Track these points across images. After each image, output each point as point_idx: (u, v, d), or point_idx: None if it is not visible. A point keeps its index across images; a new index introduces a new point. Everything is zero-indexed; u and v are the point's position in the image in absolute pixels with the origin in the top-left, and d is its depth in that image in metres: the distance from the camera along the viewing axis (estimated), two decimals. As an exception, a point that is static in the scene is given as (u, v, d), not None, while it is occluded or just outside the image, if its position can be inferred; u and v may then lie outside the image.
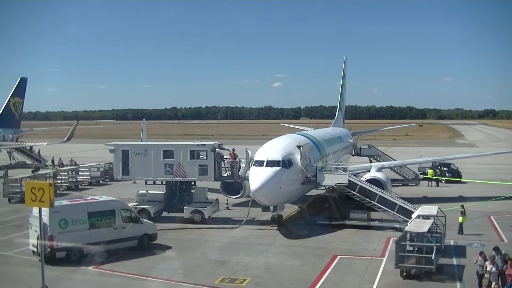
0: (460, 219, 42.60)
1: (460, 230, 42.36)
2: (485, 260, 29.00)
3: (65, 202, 37.60)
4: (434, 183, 69.65)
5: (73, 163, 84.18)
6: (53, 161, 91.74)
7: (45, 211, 31.57)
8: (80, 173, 73.58)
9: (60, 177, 69.49)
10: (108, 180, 74.22)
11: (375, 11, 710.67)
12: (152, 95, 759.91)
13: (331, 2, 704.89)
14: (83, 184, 71.90)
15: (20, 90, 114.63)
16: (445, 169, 74.14)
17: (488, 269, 28.45)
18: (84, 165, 76.50)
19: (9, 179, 61.90)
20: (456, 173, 73.49)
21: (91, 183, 72.86)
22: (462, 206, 44.36)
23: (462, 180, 70.17)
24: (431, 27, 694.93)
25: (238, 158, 49.30)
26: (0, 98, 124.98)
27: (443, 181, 70.57)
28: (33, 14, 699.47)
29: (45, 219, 33.07)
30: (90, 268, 34.30)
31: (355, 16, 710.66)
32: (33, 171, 74.72)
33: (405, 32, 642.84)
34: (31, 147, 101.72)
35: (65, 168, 76.72)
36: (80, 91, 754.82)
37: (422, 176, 70.70)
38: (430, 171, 70.54)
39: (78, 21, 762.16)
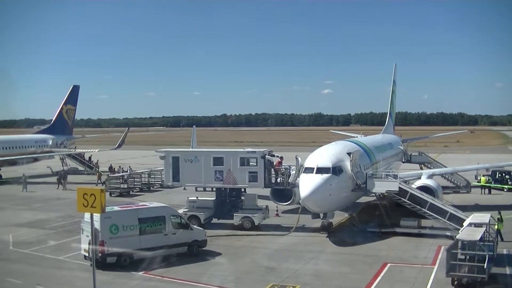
0: (497, 226, 42.03)
1: (499, 237, 41.73)
2: None
3: (116, 208, 37.98)
4: (486, 190, 68.82)
5: (129, 169, 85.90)
6: (110, 168, 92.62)
7: (97, 216, 31.96)
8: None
9: (133, 179, 74.36)
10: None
11: (425, 15, 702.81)
12: (202, 102, 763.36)
13: (381, 7, 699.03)
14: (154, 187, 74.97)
15: (73, 97, 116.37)
16: (507, 177, 72.68)
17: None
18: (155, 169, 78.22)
19: (111, 176, 64.81)
20: None
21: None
22: (499, 213, 43.64)
23: None
24: (482, 32, 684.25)
25: (288, 165, 49.32)
26: (53, 105, 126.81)
27: (505, 190, 69.52)
28: (87, 22, 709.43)
29: (97, 224, 33.45)
30: (140, 273, 34.64)
31: (405, 21, 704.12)
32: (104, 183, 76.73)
33: (456, 37, 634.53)
34: (81, 154, 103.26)
35: (140, 171, 79.45)
36: (131, 98, 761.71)
37: (476, 183, 69.93)
38: (483, 178, 69.68)
39: (130, 27, 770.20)
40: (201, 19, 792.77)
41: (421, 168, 75.01)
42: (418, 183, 52.01)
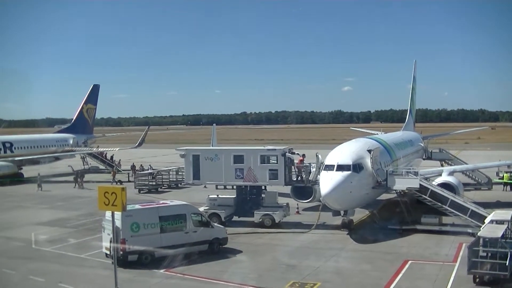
0: None
1: None
2: None
3: (137, 206, 38.17)
4: (508, 187, 68.46)
5: (150, 167, 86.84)
6: (132, 166, 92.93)
7: (118, 215, 32.13)
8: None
9: (161, 177, 76.21)
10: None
11: (444, 13, 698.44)
12: (222, 100, 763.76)
13: (401, 4, 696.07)
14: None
15: (93, 96, 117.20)
16: None
17: None
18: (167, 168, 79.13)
19: (140, 173, 65.47)
20: None
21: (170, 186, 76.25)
22: None
23: None
24: (501, 29, 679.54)
25: (309, 163, 49.34)
26: (74, 105, 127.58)
27: None
28: (109, 22, 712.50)
29: (118, 222, 33.63)
30: (161, 271, 34.75)
31: (425, 18, 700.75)
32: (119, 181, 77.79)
33: (476, 34, 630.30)
34: (102, 152, 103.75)
35: (167, 168, 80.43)
36: (152, 97, 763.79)
37: (498, 180, 69.57)
38: (506, 175, 69.27)
39: (151, 27, 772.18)
40: (222, 17, 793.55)
41: (442, 165, 74.67)
42: (439, 180, 51.73)
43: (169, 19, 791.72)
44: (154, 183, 72.92)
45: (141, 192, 69.26)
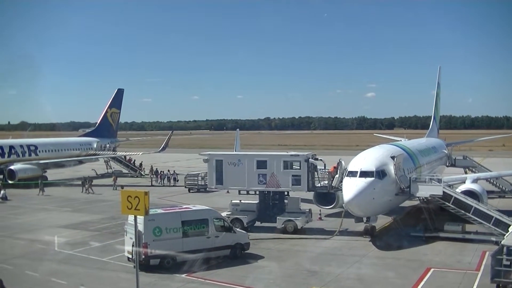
0: None
1: None
2: None
3: (159, 210, 38.19)
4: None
5: (174, 172, 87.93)
6: (155, 171, 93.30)
7: (140, 219, 32.28)
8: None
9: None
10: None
11: (469, 17, 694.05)
12: (246, 105, 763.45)
13: (424, 8, 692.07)
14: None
15: (117, 101, 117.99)
16: None
17: None
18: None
19: (190, 174, 66.01)
20: None
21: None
22: None
23: None
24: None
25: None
26: (98, 109, 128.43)
27: None
28: (133, 26, 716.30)
29: (140, 227, 33.86)
30: (183, 275, 34.78)
31: (449, 23, 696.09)
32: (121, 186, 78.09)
33: (500, 39, 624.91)
34: (131, 159, 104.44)
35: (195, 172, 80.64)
36: (175, 101, 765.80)
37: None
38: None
39: (175, 31, 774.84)
40: (245, 21, 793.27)
41: (466, 172, 74.16)
42: (463, 187, 51.36)
43: (193, 24, 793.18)
44: (203, 183, 72.90)
45: (191, 191, 69.60)
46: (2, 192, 71.05)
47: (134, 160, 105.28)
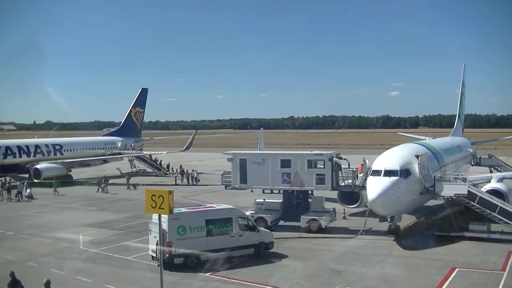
0: None
1: None
2: None
3: (183, 209, 38.26)
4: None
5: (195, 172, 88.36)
6: (181, 170, 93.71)
7: (165, 218, 32.38)
8: None
9: None
10: None
11: (492, 15, 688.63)
12: (270, 104, 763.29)
13: (448, 7, 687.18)
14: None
15: (141, 100, 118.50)
16: None
17: None
18: None
19: (226, 171, 68.13)
20: None
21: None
22: None
23: None
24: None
25: (356, 168, 49.14)
26: (123, 108, 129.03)
27: None
28: (157, 26, 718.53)
29: (164, 225, 33.92)
30: (207, 274, 34.81)
31: (473, 21, 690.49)
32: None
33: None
34: (151, 156, 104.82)
35: None
36: (199, 101, 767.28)
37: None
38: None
39: (199, 30, 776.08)
40: (268, 21, 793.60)
41: (491, 171, 73.76)
42: (488, 186, 50.95)
43: (217, 23, 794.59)
44: None
45: (227, 188, 70.71)
46: (28, 190, 71.68)
47: (161, 161, 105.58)
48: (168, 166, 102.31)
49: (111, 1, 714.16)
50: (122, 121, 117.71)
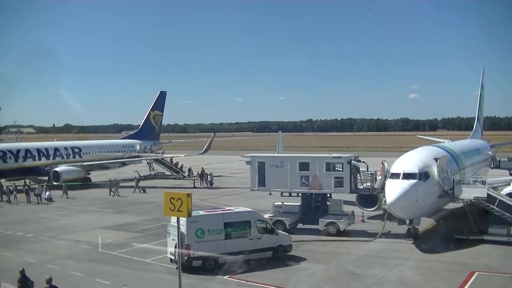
0: None
1: None
2: None
3: (202, 212, 38.36)
4: None
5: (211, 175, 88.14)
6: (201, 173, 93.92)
7: (183, 220, 32.38)
8: None
9: None
10: None
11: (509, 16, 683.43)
12: (288, 107, 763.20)
13: (466, 8, 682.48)
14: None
15: (160, 103, 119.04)
16: None
17: None
18: None
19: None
20: None
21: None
22: None
23: None
24: None
25: (374, 170, 49.03)
26: (141, 111, 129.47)
27: None
28: (176, 29, 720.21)
29: (183, 228, 33.87)
30: (225, 277, 34.80)
31: (492, 22, 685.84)
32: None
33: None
34: (172, 159, 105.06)
35: None
36: (218, 104, 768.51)
37: None
38: None
39: (218, 34, 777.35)
40: (287, 23, 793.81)
41: (511, 174, 73.39)
42: (508, 189, 50.52)
43: (235, 26, 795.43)
44: None
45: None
46: (47, 193, 72.03)
47: (182, 165, 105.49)
48: (190, 169, 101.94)
49: (129, 4, 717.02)
50: (141, 124, 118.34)
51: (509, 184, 53.43)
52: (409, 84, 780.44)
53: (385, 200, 44.54)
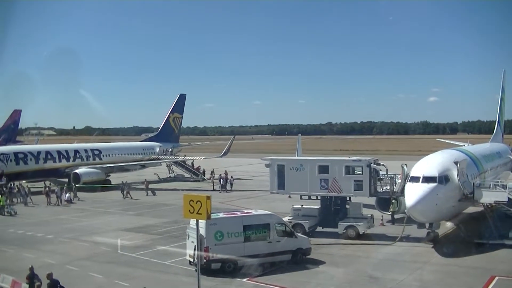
0: None
1: None
2: None
3: (221, 215, 38.37)
4: None
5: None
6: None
7: (202, 223, 32.43)
8: None
9: None
10: None
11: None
12: (307, 110, 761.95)
13: (487, 10, 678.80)
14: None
15: (180, 105, 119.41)
16: None
17: None
18: None
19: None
20: None
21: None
22: None
23: None
24: None
25: (394, 174, 48.89)
26: (161, 114, 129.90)
27: None
28: (197, 32, 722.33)
29: (202, 231, 33.92)
30: (244, 280, 34.85)
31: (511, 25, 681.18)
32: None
33: None
34: (193, 162, 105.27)
35: None
36: (238, 106, 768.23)
37: None
38: None
39: (238, 37, 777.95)
40: (307, 26, 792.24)
41: (532, 178, 72.91)
42: (528, 193, 50.46)
43: (255, 28, 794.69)
44: None
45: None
46: (67, 195, 72.41)
47: (204, 170, 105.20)
48: (212, 172, 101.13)
49: (151, 6, 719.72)
50: (160, 127, 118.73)
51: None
52: (430, 87, 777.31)
53: (397, 204, 44.66)
